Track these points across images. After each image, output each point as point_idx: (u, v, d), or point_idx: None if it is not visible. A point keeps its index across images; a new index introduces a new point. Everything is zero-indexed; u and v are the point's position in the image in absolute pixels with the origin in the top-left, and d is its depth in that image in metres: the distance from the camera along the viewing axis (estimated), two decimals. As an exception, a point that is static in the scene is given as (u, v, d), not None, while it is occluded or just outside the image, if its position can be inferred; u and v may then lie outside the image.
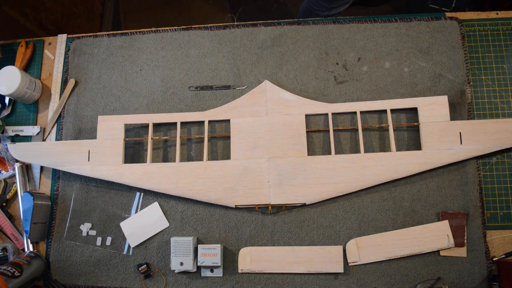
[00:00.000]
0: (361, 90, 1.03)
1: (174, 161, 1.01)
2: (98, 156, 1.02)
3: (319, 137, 1.02)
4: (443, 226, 0.93)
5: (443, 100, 0.97)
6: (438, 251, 0.93)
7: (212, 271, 0.97)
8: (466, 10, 1.13)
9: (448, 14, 1.05)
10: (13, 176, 1.08)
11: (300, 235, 0.98)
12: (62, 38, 1.17)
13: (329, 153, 0.99)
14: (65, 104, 1.11)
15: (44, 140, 1.11)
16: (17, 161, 1.07)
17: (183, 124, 1.05)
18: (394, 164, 0.95)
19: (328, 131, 1.00)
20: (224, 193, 0.98)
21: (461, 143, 0.94)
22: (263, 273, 0.96)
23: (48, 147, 1.04)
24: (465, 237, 0.92)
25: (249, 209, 0.99)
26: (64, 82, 1.13)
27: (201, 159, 1.03)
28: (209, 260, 0.94)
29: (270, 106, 1.01)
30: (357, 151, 0.99)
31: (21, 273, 0.93)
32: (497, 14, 1.04)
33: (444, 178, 0.96)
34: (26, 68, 1.16)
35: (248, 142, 0.99)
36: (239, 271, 0.97)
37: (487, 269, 0.92)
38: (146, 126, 1.07)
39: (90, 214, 1.04)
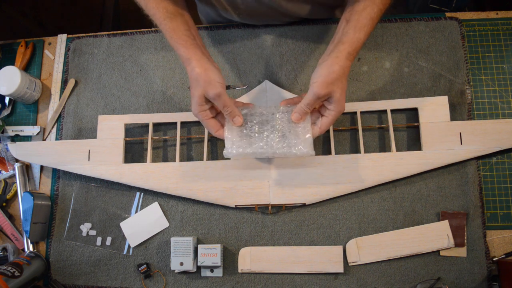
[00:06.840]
0: (361, 90, 1.03)
1: (174, 161, 1.01)
2: (98, 155, 1.02)
3: (319, 137, 1.02)
4: (443, 226, 0.93)
5: (443, 100, 0.97)
6: (438, 251, 0.93)
7: (212, 271, 0.97)
8: (466, 10, 1.13)
9: (448, 14, 1.05)
10: (13, 176, 1.08)
11: (300, 235, 0.98)
12: (62, 38, 1.17)
13: (329, 153, 0.99)
14: (65, 104, 1.11)
15: (44, 140, 1.11)
16: (17, 161, 1.08)
17: (183, 124, 1.05)
18: (394, 164, 0.94)
19: (328, 131, 1.00)
20: (224, 193, 0.97)
21: (461, 143, 0.94)
22: (263, 273, 0.96)
23: (48, 147, 1.04)
24: (465, 237, 0.92)
25: (249, 209, 0.99)
26: (64, 82, 1.13)
27: (201, 159, 1.03)
28: (209, 260, 0.94)
29: (270, 106, 1.01)
30: (357, 151, 0.99)
31: (21, 273, 0.93)
32: (497, 14, 1.04)
33: (444, 178, 0.96)
34: (26, 68, 1.16)
35: (248, 142, 0.99)
36: (239, 271, 0.97)
37: (487, 269, 0.92)
38: (146, 126, 1.06)
39: (90, 214, 1.04)
